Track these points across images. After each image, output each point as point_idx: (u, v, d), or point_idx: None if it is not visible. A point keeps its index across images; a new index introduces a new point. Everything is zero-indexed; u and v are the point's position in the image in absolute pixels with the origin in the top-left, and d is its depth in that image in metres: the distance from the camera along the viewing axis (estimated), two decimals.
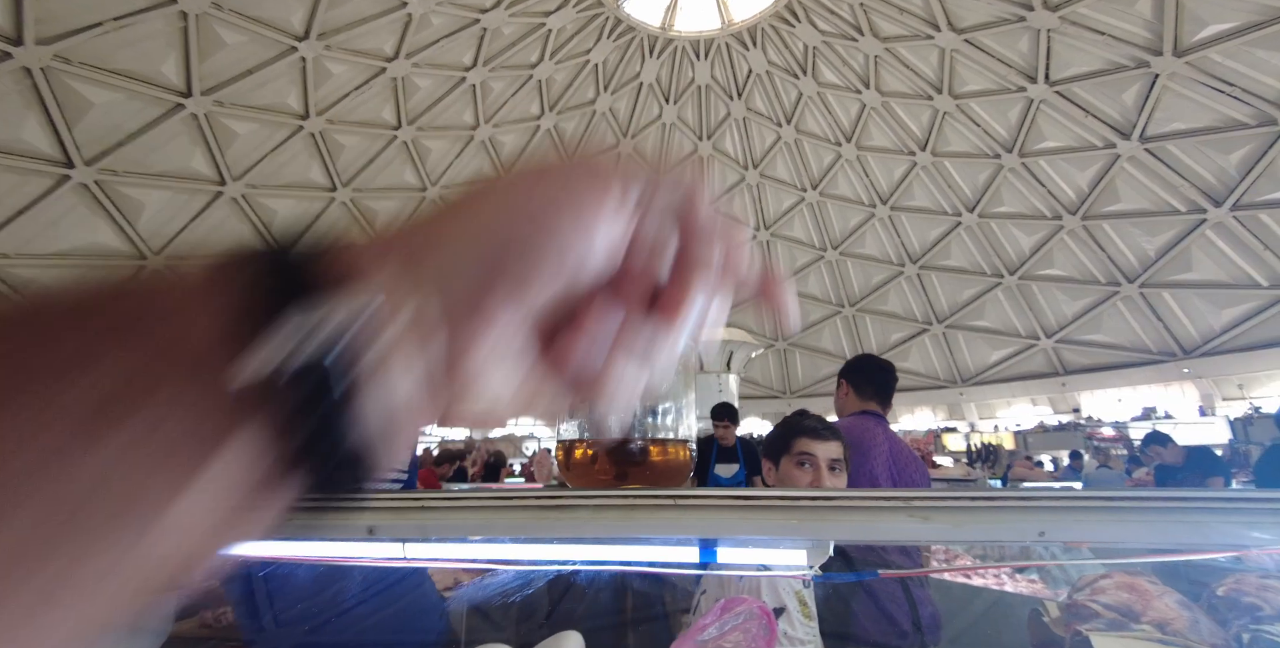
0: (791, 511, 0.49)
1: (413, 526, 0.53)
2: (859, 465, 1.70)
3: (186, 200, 12.91)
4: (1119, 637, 1.16)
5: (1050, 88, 13.42)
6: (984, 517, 0.48)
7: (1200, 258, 13.56)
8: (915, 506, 0.48)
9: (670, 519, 0.50)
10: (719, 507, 0.50)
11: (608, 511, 0.51)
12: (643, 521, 0.50)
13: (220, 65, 11.74)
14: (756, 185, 19.02)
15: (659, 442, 0.61)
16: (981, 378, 17.83)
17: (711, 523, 0.50)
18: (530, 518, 0.51)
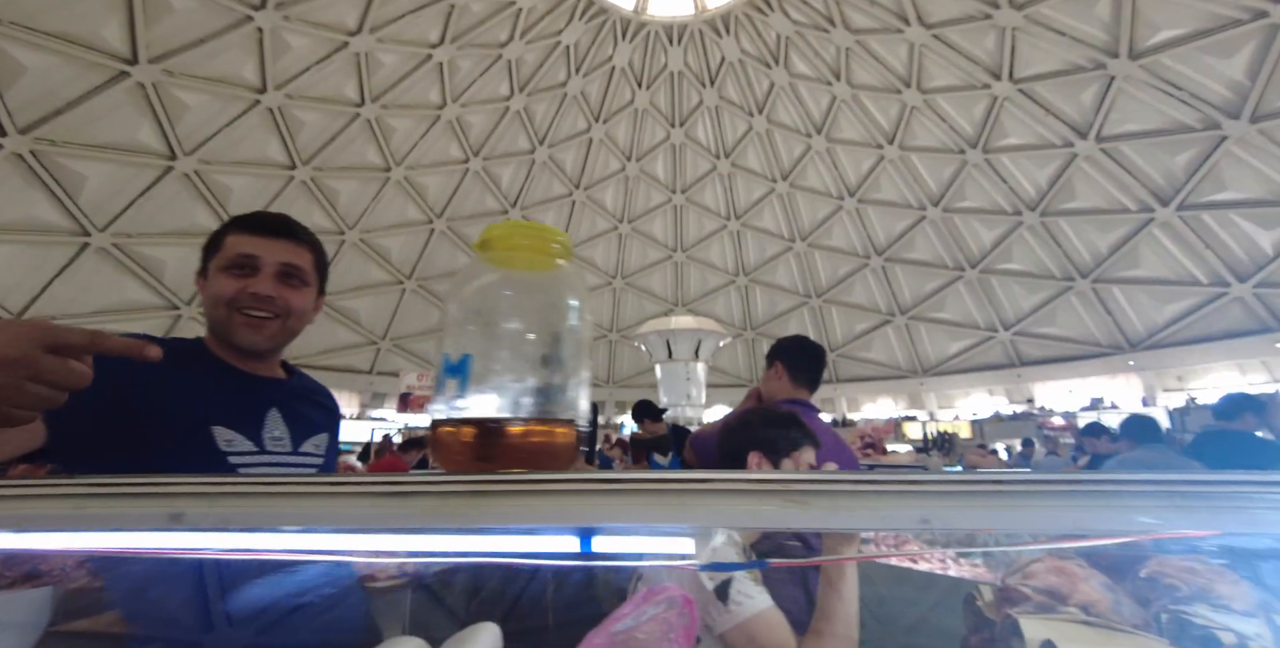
0: (660, 494, 0.45)
1: (226, 514, 0.46)
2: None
3: (134, 175, 12.23)
4: (1046, 619, 1.20)
5: (1014, 85, 13.75)
6: (864, 502, 0.45)
7: (1147, 255, 14.17)
8: (793, 490, 0.45)
9: (526, 506, 0.45)
10: (581, 491, 0.46)
11: (454, 497, 0.46)
12: (495, 508, 0.45)
13: (168, 32, 11.11)
14: (728, 175, 19.05)
15: (536, 421, 0.53)
16: (941, 368, 18.35)
17: (570, 510, 0.45)
18: (367, 506, 0.45)
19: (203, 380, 1.06)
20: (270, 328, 1.11)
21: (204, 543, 0.53)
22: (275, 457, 1.08)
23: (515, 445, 0.53)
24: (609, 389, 20.83)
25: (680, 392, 11.55)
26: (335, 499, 0.46)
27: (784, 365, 1.88)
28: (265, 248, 1.08)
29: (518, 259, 0.61)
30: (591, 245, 19.74)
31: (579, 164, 18.49)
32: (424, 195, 16.74)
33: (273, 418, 1.11)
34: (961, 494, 0.45)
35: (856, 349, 19.49)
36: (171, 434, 0.97)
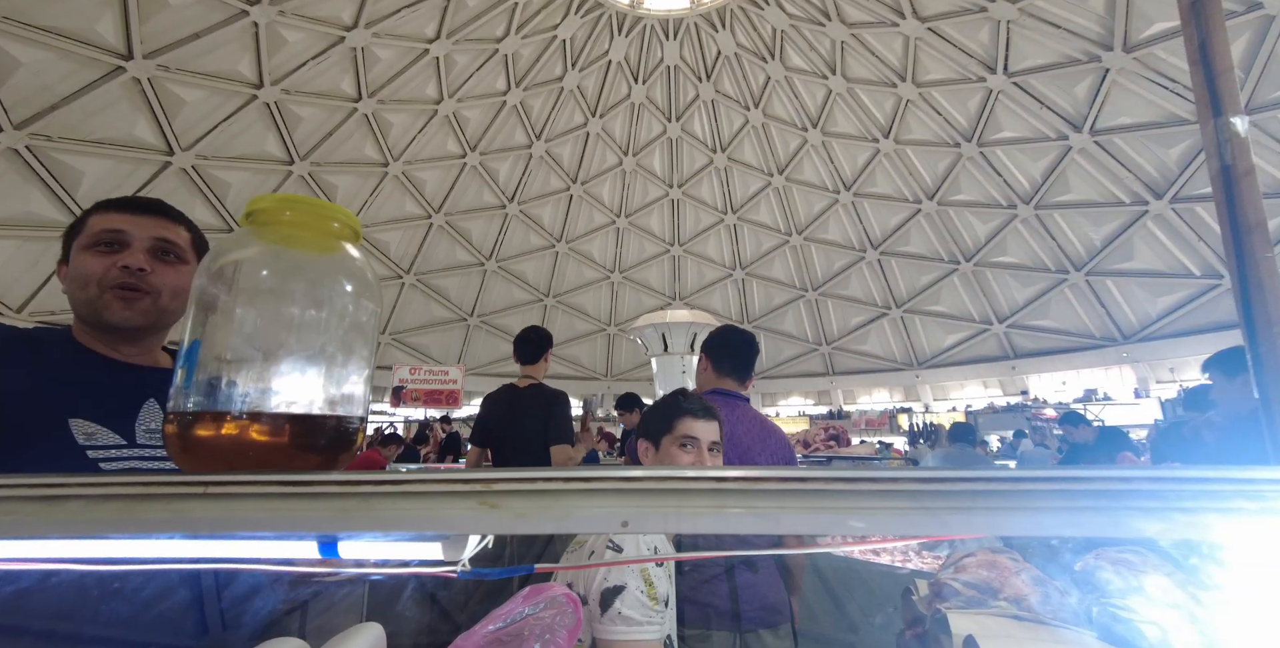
0: (348, 498, 0.42)
1: None
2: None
3: (131, 170, 12.27)
4: (975, 614, 1.19)
5: (1008, 79, 13.77)
6: (561, 502, 0.42)
7: (1141, 248, 14.24)
8: (489, 490, 0.41)
9: (179, 511, 0.40)
10: (250, 496, 0.42)
11: (106, 502, 0.41)
12: (140, 514, 0.40)
13: (163, 27, 11.12)
14: (724, 169, 19.08)
15: (260, 417, 0.47)
16: (936, 361, 18.45)
17: (276, 515, 0.42)
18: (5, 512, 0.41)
19: (63, 370, 0.96)
20: (143, 303, 1.01)
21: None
22: (150, 450, 0.99)
23: (233, 444, 0.47)
24: (606, 382, 20.93)
25: (676, 385, 11.59)
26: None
27: (707, 357, 1.93)
28: (133, 223, 1.01)
29: (288, 235, 0.54)
30: (589, 240, 19.79)
31: (576, 158, 18.51)
32: (422, 190, 16.78)
33: (149, 409, 1.01)
34: (668, 493, 0.42)
35: (852, 342, 19.58)
36: (20, 428, 0.88)
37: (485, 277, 18.89)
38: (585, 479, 0.43)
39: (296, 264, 0.53)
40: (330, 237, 0.56)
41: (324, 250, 0.55)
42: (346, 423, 0.53)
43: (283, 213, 0.54)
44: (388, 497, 0.43)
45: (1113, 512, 0.38)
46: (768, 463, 1.68)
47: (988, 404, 17.23)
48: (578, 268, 20.05)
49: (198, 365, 0.48)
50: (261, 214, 0.54)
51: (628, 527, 0.41)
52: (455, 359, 18.03)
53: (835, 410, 19.48)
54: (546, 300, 19.86)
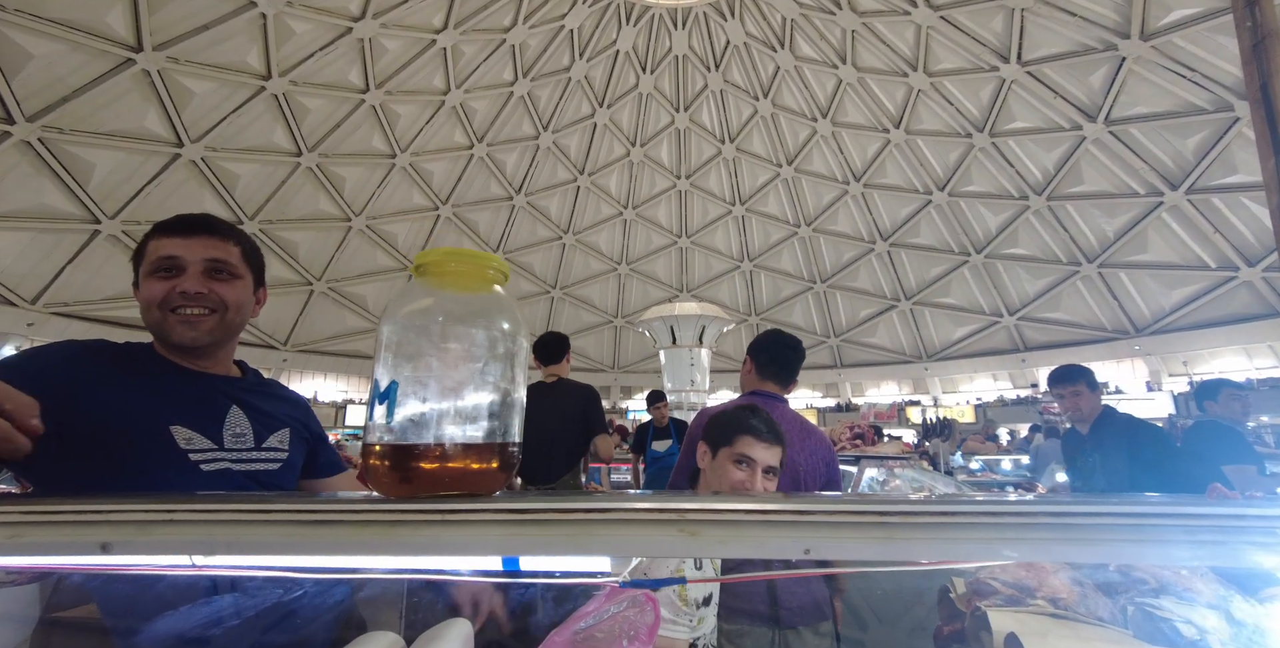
0: (563, 525, 0.48)
1: (156, 542, 0.48)
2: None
3: (141, 162, 12.32)
4: (1014, 612, 1.21)
5: (1022, 68, 13.57)
6: (750, 532, 0.48)
7: (1155, 240, 14.06)
8: (687, 519, 0.47)
9: (434, 537, 0.49)
10: (485, 522, 0.49)
11: (369, 526, 0.49)
12: (408, 538, 0.49)
13: (172, 19, 11.11)
14: (733, 160, 18.95)
15: (456, 446, 0.54)
16: (946, 353, 18.36)
17: (481, 539, 0.49)
18: (285, 534, 0.49)
19: (155, 382, 1.05)
20: (206, 323, 1.09)
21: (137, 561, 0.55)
22: (237, 453, 1.08)
23: (435, 471, 0.54)
24: (614, 374, 20.98)
25: (684, 377, 11.63)
26: (259, 527, 0.49)
27: (752, 360, 1.98)
28: (185, 247, 1.07)
29: (452, 282, 0.61)
30: (596, 232, 19.76)
31: (583, 150, 18.43)
32: (429, 182, 16.77)
33: (234, 415, 1.11)
34: (843, 526, 0.47)
35: (861, 334, 19.51)
36: (132, 438, 0.97)
37: None
38: (769, 512, 0.48)
39: (466, 309, 0.60)
40: (487, 281, 0.63)
41: (482, 291, 0.63)
42: (509, 447, 0.59)
43: (448, 265, 0.62)
44: (605, 524, 0.48)
45: (1231, 546, 0.42)
46: (807, 462, 1.70)
47: (997, 397, 17.16)
48: (585, 260, 20.03)
49: (397, 402, 0.53)
50: (431, 266, 0.62)
51: (809, 554, 0.46)
52: None
53: (843, 403, 19.46)
54: (554, 292, 19.87)
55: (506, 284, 0.66)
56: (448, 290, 0.60)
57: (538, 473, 2.65)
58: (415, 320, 0.57)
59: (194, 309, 1.07)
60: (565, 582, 0.77)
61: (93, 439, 0.95)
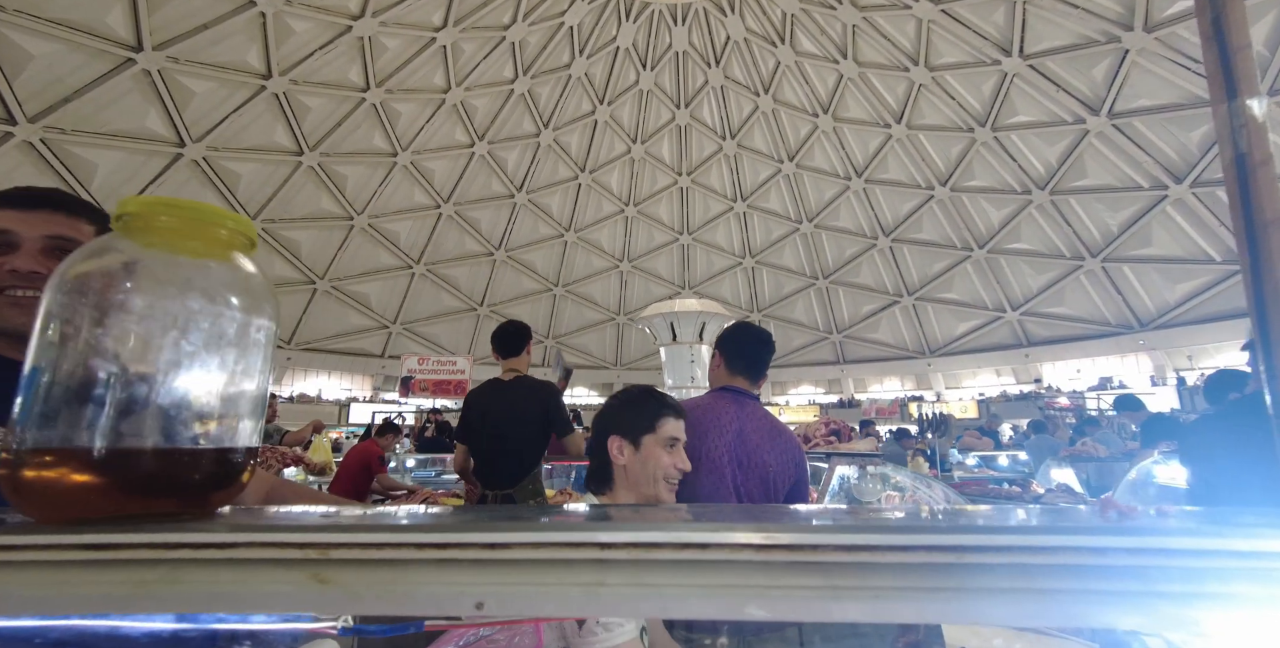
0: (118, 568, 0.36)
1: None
2: (693, 448, 1.57)
3: (143, 162, 12.37)
4: (974, 624, 1.20)
5: (1024, 61, 13.48)
6: (409, 576, 0.35)
7: (1159, 233, 13.98)
8: (320, 558, 0.35)
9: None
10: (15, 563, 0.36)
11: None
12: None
13: (172, 18, 11.13)
14: (734, 156, 18.90)
15: (124, 453, 0.41)
16: (949, 349, 18.31)
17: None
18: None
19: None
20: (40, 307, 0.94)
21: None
22: None
23: (78, 485, 0.39)
24: (616, 371, 21.00)
25: (685, 374, 11.63)
26: None
27: (720, 354, 1.86)
28: (23, 221, 0.92)
29: (161, 241, 0.45)
30: (597, 229, 19.74)
31: (584, 147, 18.41)
32: (431, 180, 16.78)
33: None
34: (540, 565, 0.34)
35: (863, 330, 19.47)
36: None
37: (494, 266, 18.92)
38: (430, 545, 0.35)
39: (171, 275, 0.45)
40: (215, 244, 0.47)
41: (205, 259, 0.46)
42: (226, 456, 0.45)
43: (157, 217, 0.45)
44: (200, 565, 0.34)
45: (1077, 597, 0.32)
46: (777, 461, 1.65)
47: (1000, 392, 17.11)
48: (586, 257, 20.02)
49: (38, 394, 0.40)
50: (134, 219, 0.45)
51: (482, 609, 0.34)
52: (466, 349, 18.13)
53: (846, 399, 19.44)
54: (556, 290, 19.88)
55: (252, 253, 0.50)
56: (153, 250, 0.45)
57: (496, 478, 2.46)
58: (92, 284, 0.42)
59: (27, 291, 0.91)
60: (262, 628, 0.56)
61: None
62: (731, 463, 1.64)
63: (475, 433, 2.56)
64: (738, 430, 1.68)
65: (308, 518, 0.42)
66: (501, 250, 18.77)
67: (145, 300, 0.43)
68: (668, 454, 1.24)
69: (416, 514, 0.46)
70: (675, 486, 1.22)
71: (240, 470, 0.47)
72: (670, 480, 1.23)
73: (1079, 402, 14.34)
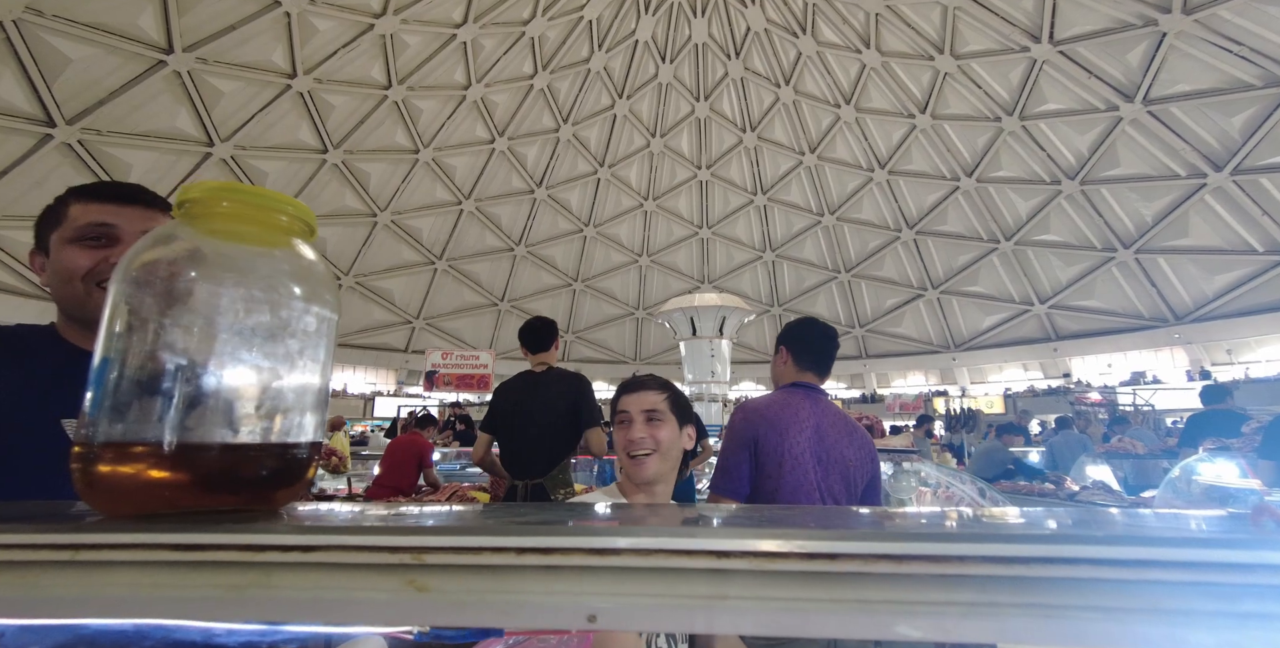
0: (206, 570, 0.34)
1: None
2: (776, 445, 1.58)
3: (174, 161, 12.71)
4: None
5: (1054, 48, 13.09)
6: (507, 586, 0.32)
7: (1197, 223, 13.51)
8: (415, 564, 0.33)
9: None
10: (74, 564, 0.34)
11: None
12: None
13: (200, 20, 11.38)
14: (754, 148, 18.73)
15: (194, 448, 0.40)
16: (974, 343, 17.97)
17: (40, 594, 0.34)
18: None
19: (51, 369, 0.90)
20: None
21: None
22: None
23: (148, 480, 0.38)
24: (635, 366, 21.02)
25: (705, 368, 11.62)
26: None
27: (788, 350, 1.81)
28: (121, 215, 0.92)
29: (223, 228, 0.44)
30: (617, 223, 19.75)
31: (603, 141, 18.40)
32: (452, 176, 16.94)
33: None
34: (650, 574, 0.32)
35: (886, 324, 19.20)
36: (9, 431, 0.84)
37: (515, 262, 19.06)
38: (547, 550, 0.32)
39: (233, 264, 0.44)
40: (276, 231, 0.46)
41: (266, 246, 0.45)
42: (291, 452, 0.44)
43: (219, 204, 0.44)
44: (291, 570, 0.32)
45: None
46: (856, 457, 1.61)
47: (1028, 387, 16.75)
48: (606, 252, 20.05)
49: (107, 387, 0.39)
50: (195, 205, 0.44)
51: (595, 622, 0.32)
52: (488, 343, 18.32)
53: (868, 394, 19.21)
54: (575, 285, 19.95)
55: (313, 240, 0.49)
56: (215, 238, 0.44)
57: (526, 468, 2.47)
58: (159, 273, 0.41)
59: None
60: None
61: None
62: (813, 459, 1.62)
63: (507, 423, 2.58)
64: (815, 426, 1.66)
65: (396, 519, 0.40)
66: (522, 246, 18.89)
67: (208, 289, 0.42)
68: (621, 430, 1.25)
69: (512, 514, 0.44)
70: (639, 459, 1.21)
71: (305, 466, 0.45)
72: (629, 453, 1.22)
73: (1111, 397, 13.97)
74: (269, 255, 0.45)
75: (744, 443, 1.63)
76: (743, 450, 1.62)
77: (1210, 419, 3.86)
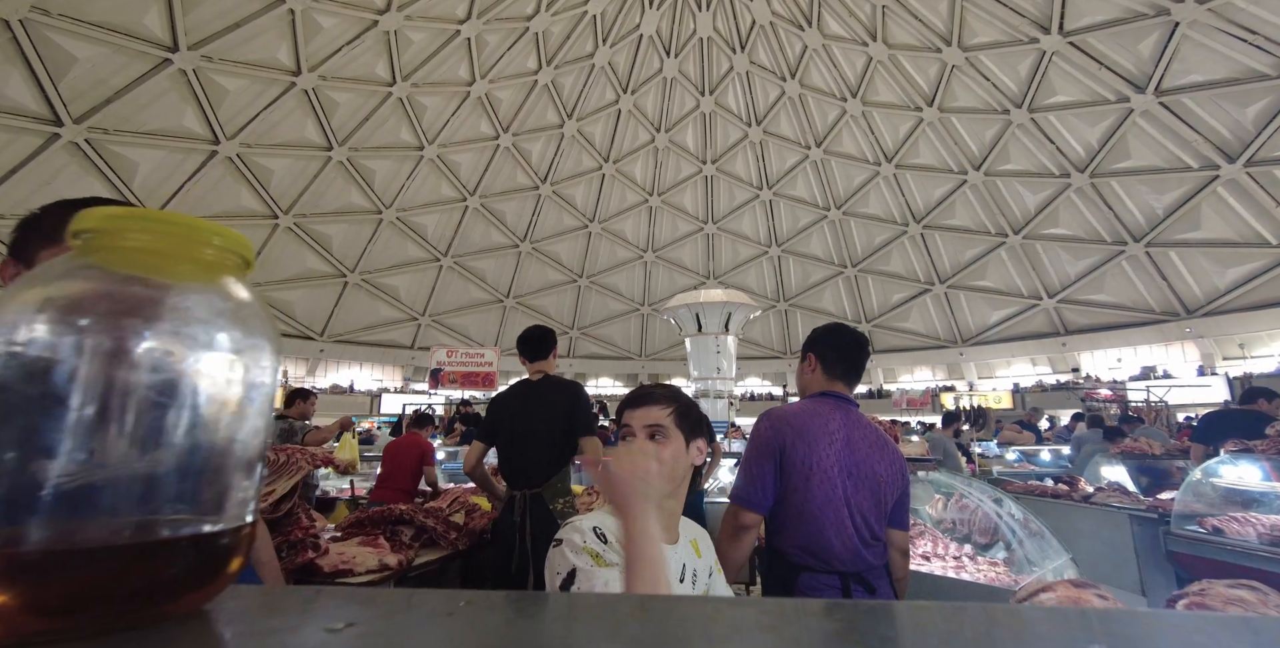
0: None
1: None
2: (804, 457, 1.52)
3: (181, 160, 12.74)
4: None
5: (1064, 39, 12.92)
6: None
7: (1209, 216, 13.34)
8: None
9: None
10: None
11: None
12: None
13: (204, 18, 11.39)
14: (760, 143, 18.62)
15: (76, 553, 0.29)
16: (982, 338, 17.85)
17: None
18: None
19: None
20: None
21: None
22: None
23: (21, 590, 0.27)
24: (641, 362, 21.03)
25: (710, 365, 11.59)
26: None
27: (817, 357, 1.73)
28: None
29: (130, 261, 0.34)
30: (622, 219, 19.70)
31: (608, 137, 18.33)
32: (457, 173, 16.93)
33: None
34: None
35: (893, 319, 19.10)
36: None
37: (520, 258, 19.05)
38: None
39: (142, 307, 0.33)
40: (199, 266, 0.36)
41: (186, 283, 0.35)
42: (207, 544, 0.33)
43: (126, 234, 0.34)
44: None
45: None
46: (887, 472, 1.56)
47: (1036, 382, 16.65)
48: (611, 248, 20.02)
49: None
50: (98, 236, 0.34)
51: None
52: (493, 340, 18.36)
53: (875, 390, 19.14)
54: (580, 281, 19.94)
55: (246, 275, 0.38)
56: (119, 273, 0.34)
57: (526, 477, 2.46)
58: (39, 319, 0.31)
59: None
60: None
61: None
62: (842, 474, 1.55)
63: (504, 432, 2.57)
64: (845, 439, 1.59)
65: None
66: (527, 242, 18.89)
67: (103, 340, 0.31)
68: (623, 444, 1.14)
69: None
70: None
71: (228, 559, 0.34)
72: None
73: (1121, 392, 13.85)
74: (187, 295, 0.34)
75: (770, 452, 1.55)
76: (768, 460, 1.54)
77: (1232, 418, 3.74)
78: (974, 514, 2.83)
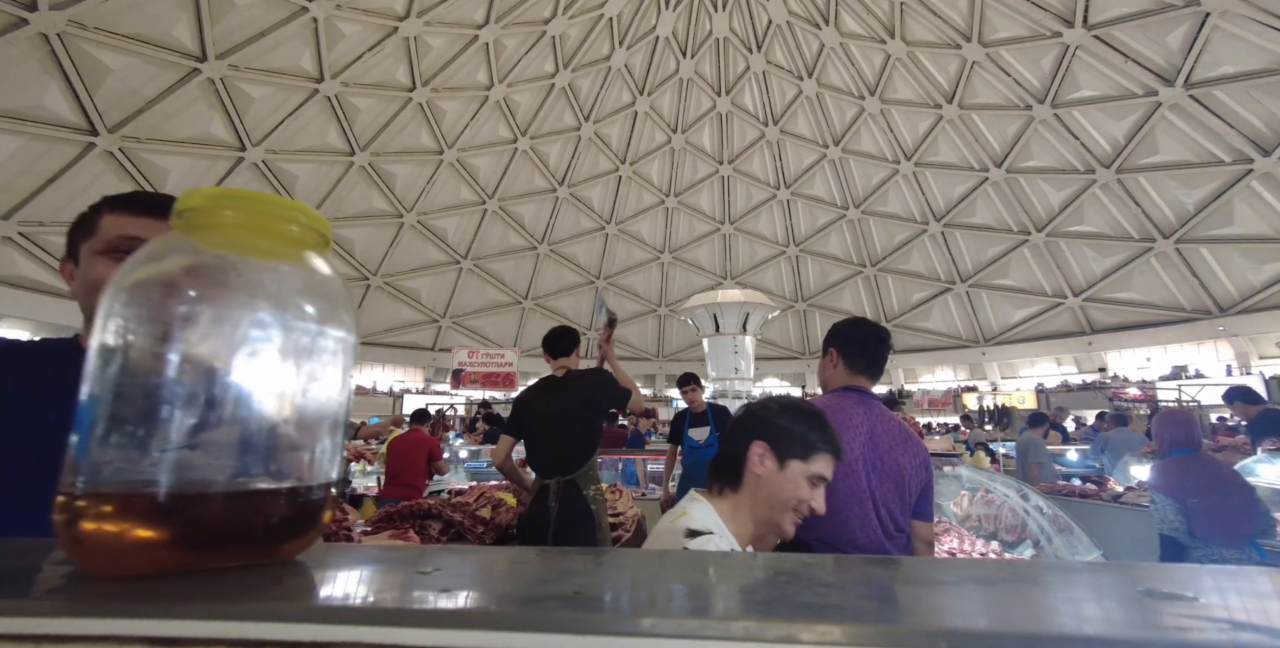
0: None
1: None
2: None
3: (209, 166, 13.08)
4: None
5: (1088, 32, 12.69)
6: None
7: (1243, 211, 12.98)
8: None
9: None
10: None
11: None
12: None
13: (231, 27, 11.68)
14: (777, 142, 18.54)
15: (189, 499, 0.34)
16: (1005, 337, 17.56)
17: None
18: None
19: (73, 385, 0.85)
20: None
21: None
22: None
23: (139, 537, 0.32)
24: (658, 363, 21.03)
25: (728, 365, 11.55)
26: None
27: (838, 352, 1.72)
28: (151, 229, 0.90)
29: (227, 240, 0.38)
30: (638, 220, 19.75)
31: (624, 139, 18.40)
32: (476, 176, 17.13)
33: None
34: None
35: (914, 319, 18.88)
36: (33, 451, 0.76)
37: (538, 260, 19.20)
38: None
39: (237, 280, 0.38)
40: (285, 242, 0.39)
41: (274, 260, 0.39)
42: (303, 495, 0.38)
43: (221, 212, 0.38)
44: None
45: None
46: (910, 464, 1.57)
47: (1061, 382, 16.33)
48: (628, 249, 20.07)
49: (95, 427, 0.33)
50: (196, 214, 0.38)
51: None
52: (512, 341, 18.52)
53: (896, 390, 18.92)
54: (598, 282, 20.03)
55: (326, 251, 0.43)
56: (218, 250, 0.38)
57: (556, 466, 2.55)
58: (150, 294, 0.35)
59: None
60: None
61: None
62: (866, 467, 1.57)
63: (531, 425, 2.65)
64: (869, 432, 1.61)
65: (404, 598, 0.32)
66: (544, 244, 19.02)
67: (210, 313, 0.36)
68: (809, 487, 1.14)
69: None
70: (800, 521, 1.14)
71: (319, 512, 0.39)
72: (799, 513, 1.14)
73: (1151, 392, 13.54)
74: (279, 271, 0.39)
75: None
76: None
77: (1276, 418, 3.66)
78: (1000, 510, 2.81)
